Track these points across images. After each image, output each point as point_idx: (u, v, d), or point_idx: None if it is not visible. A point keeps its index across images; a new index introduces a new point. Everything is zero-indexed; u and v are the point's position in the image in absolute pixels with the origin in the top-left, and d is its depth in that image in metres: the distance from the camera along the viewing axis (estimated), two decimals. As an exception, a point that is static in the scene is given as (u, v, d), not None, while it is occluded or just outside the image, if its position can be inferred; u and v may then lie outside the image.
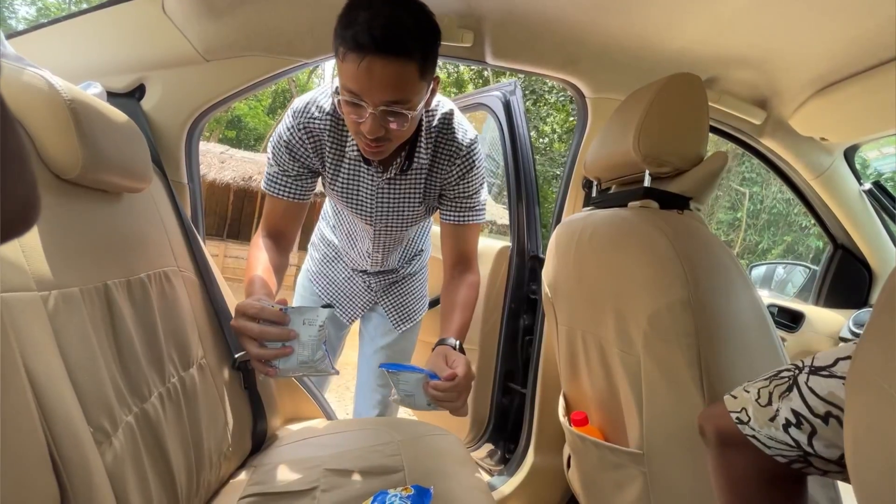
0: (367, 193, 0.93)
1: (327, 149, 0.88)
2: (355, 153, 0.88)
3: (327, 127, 0.86)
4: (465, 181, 0.94)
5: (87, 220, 0.60)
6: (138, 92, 0.96)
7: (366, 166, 0.90)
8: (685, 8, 0.87)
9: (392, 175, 0.90)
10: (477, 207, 0.98)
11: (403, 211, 0.97)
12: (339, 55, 0.69)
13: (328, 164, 0.91)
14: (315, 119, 0.86)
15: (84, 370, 0.50)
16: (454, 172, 0.93)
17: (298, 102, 0.88)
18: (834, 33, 0.88)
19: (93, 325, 0.54)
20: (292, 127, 0.87)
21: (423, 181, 0.93)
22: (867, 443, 0.28)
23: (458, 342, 0.85)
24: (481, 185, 0.98)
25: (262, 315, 0.70)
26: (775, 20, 0.87)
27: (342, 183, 0.92)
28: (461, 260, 0.99)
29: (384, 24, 0.65)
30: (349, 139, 0.87)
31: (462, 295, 0.94)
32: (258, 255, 0.91)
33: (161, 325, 0.68)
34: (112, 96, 0.93)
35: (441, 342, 0.84)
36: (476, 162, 0.93)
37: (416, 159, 0.89)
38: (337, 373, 0.79)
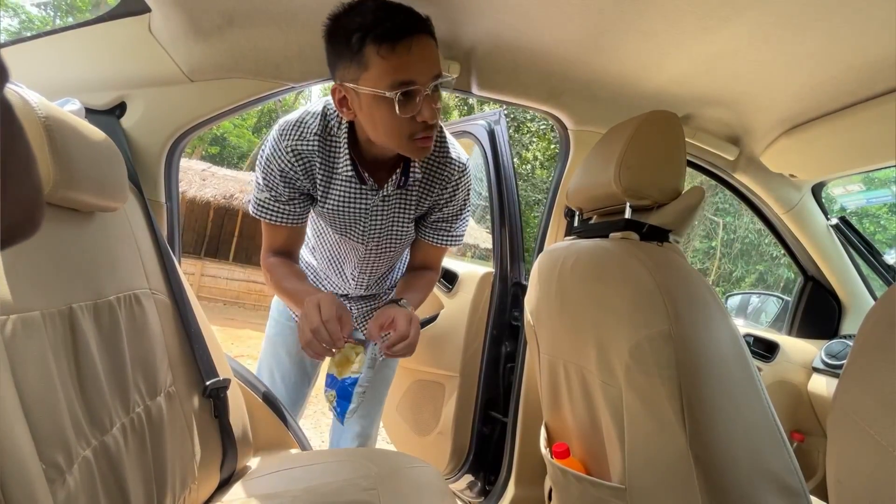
0: (360, 212, 0.93)
1: (317, 169, 0.88)
2: (349, 173, 0.87)
3: (316, 147, 0.86)
4: (452, 205, 0.96)
5: (55, 240, 0.58)
6: (118, 109, 0.95)
7: (359, 185, 0.89)
8: (663, 50, 0.91)
9: (388, 192, 0.90)
10: (454, 234, 1.01)
11: (395, 229, 0.97)
12: (378, 55, 0.70)
13: (319, 185, 0.90)
14: (303, 140, 0.85)
15: (40, 400, 0.47)
16: (445, 194, 0.94)
17: (285, 123, 0.87)
18: (801, 78, 0.93)
19: (53, 351, 0.51)
20: (280, 150, 0.86)
21: (415, 197, 0.94)
22: (850, 488, 0.28)
23: (405, 302, 0.90)
24: (466, 211, 1.00)
25: (341, 331, 0.75)
26: (747, 65, 0.92)
27: (333, 203, 0.91)
28: (426, 265, 1.06)
29: (404, 10, 0.70)
30: (340, 158, 0.87)
31: (421, 281, 1.02)
32: (282, 268, 0.93)
33: (128, 351, 0.65)
34: (91, 113, 0.91)
35: (391, 301, 0.90)
36: (467, 187, 0.96)
37: (411, 174, 0.89)
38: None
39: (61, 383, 0.51)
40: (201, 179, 7.72)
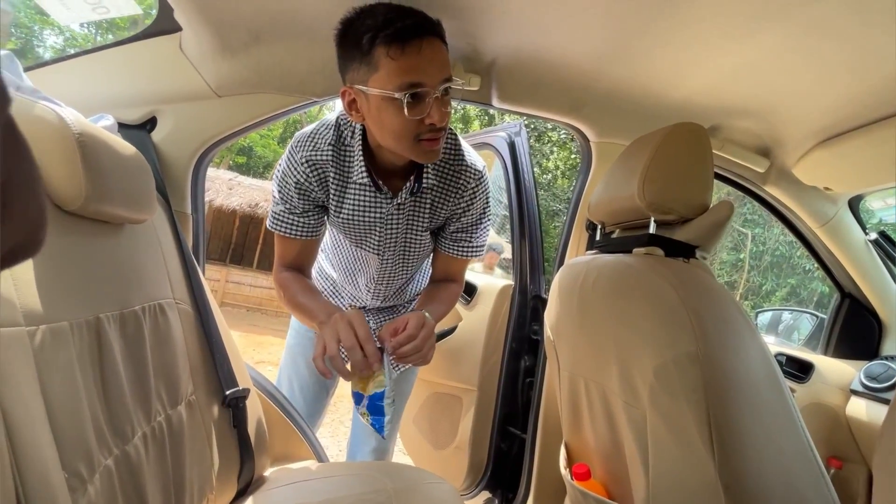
0: (375, 221, 0.92)
1: (331, 179, 0.89)
2: (364, 180, 0.87)
3: (329, 157, 0.87)
4: (470, 214, 0.95)
5: (85, 252, 0.59)
6: (149, 124, 0.98)
7: (374, 192, 0.89)
8: (688, 59, 0.89)
9: (403, 200, 0.90)
10: (475, 244, 0.99)
11: (411, 238, 0.96)
12: (388, 56, 0.70)
13: (333, 195, 0.90)
14: (317, 151, 0.86)
15: (65, 410, 0.48)
16: (462, 202, 0.93)
17: (300, 136, 0.89)
18: (836, 88, 0.89)
19: (79, 361, 0.53)
20: (295, 162, 0.87)
21: (429, 205, 0.93)
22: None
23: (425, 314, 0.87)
24: (485, 221, 0.99)
25: (362, 344, 0.74)
26: (777, 74, 0.89)
27: (348, 212, 0.92)
28: (448, 278, 1.04)
29: (415, 13, 0.71)
30: (354, 166, 0.87)
31: (444, 293, 1.00)
32: (296, 284, 0.93)
33: (151, 360, 0.66)
34: (123, 127, 0.95)
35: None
36: (485, 195, 0.95)
37: (424, 179, 0.89)
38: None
39: (86, 392, 0.52)
40: (228, 188, 7.94)
